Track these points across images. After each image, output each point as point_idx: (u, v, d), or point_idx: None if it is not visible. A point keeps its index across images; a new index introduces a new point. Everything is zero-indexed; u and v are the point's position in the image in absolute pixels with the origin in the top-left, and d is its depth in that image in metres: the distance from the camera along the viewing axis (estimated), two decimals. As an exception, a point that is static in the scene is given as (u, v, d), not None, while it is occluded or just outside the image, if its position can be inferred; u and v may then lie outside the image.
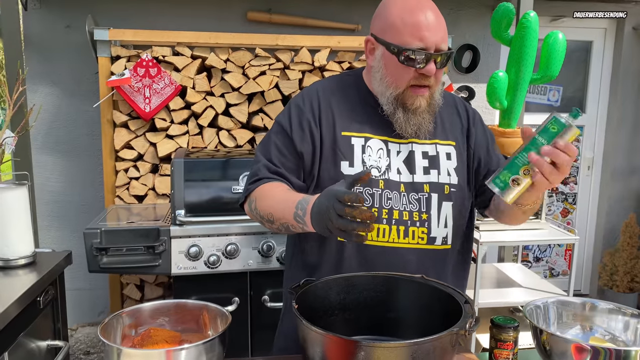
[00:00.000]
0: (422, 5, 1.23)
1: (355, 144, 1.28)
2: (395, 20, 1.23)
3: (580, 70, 4.03)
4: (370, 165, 1.27)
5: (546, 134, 1.06)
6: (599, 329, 1.25)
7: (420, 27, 1.20)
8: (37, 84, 3.11)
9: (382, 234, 1.26)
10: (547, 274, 4.18)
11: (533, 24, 2.72)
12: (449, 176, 1.32)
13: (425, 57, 1.20)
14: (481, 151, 1.38)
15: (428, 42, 1.20)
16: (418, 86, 1.25)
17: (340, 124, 1.30)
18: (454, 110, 1.41)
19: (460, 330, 0.91)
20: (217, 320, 1.12)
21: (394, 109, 1.27)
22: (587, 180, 4.14)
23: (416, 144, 1.31)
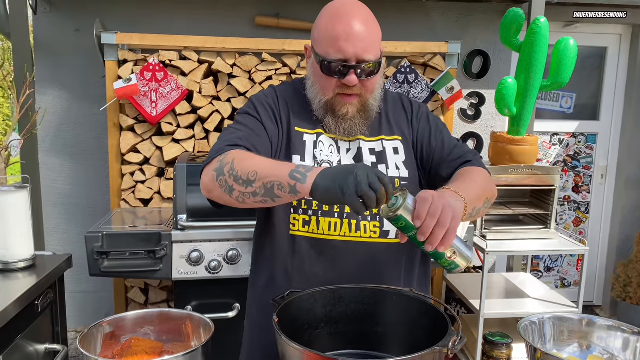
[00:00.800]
0: (347, 15, 1.22)
1: (307, 140, 1.31)
2: (320, 30, 1.24)
3: (595, 76, 3.96)
4: (322, 160, 1.30)
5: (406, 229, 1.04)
6: (597, 347, 1.21)
7: (339, 38, 1.20)
8: (46, 87, 3.14)
9: (334, 228, 1.27)
10: (559, 285, 4.10)
11: (543, 29, 2.68)
12: (398, 170, 1.33)
13: (344, 68, 1.21)
14: (424, 141, 1.38)
15: (347, 54, 1.20)
16: (346, 94, 1.26)
17: (294, 121, 1.33)
18: (400, 105, 1.43)
19: (444, 349, 0.88)
20: (201, 330, 1.10)
21: (324, 114, 1.30)
22: (600, 189, 4.05)
23: (363, 142, 1.34)
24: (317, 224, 1.27)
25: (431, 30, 3.42)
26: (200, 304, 2.39)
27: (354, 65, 1.22)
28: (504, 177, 2.83)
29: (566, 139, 3.96)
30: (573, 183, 4.02)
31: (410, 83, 3.05)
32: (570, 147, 3.97)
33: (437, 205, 1.01)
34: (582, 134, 3.97)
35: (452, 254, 1.05)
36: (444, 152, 1.37)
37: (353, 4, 1.26)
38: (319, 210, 1.27)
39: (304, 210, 1.28)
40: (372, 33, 1.24)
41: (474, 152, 1.42)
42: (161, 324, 1.14)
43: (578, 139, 3.97)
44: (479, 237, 2.81)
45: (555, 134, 3.94)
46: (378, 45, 1.26)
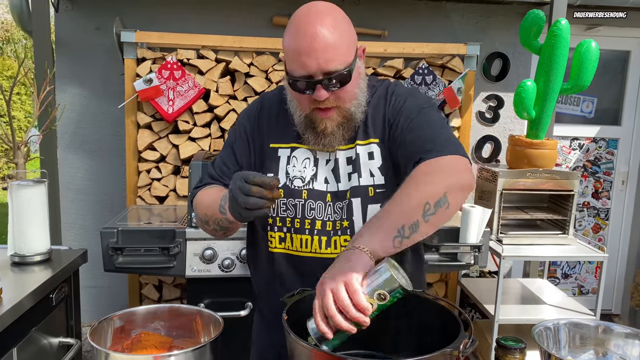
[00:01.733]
0: (308, 26, 1.13)
1: (281, 156, 1.29)
2: (284, 46, 1.18)
3: (617, 80, 3.89)
4: (294, 176, 1.27)
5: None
6: (614, 355, 1.18)
7: (300, 53, 1.13)
8: (65, 84, 3.18)
9: (305, 245, 1.25)
10: (576, 292, 4.03)
11: (564, 32, 2.64)
12: (373, 177, 1.25)
13: (310, 84, 1.15)
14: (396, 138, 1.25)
15: (310, 69, 1.13)
16: (321, 109, 1.20)
17: (271, 136, 1.31)
18: (380, 102, 1.30)
19: (454, 351, 0.86)
20: (211, 326, 1.10)
21: (304, 129, 1.25)
22: (621, 195, 3.98)
23: (340, 151, 1.27)
24: (291, 241, 1.27)
25: (450, 32, 3.39)
26: (212, 302, 2.39)
27: (320, 79, 1.14)
28: (522, 181, 2.79)
29: (586, 143, 3.89)
30: (593, 189, 3.95)
31: (427, 84, 3.03)
32: (590, 152, 3.90)
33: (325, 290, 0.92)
34: (603, 138, 3.90)
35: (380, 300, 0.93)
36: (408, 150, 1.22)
37: (317, 12, 1.16)
38: (292, 227, 1.26)
39: (278, 228, 1.27)
40: (338, 40, 1.14)
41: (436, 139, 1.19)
42: (171, 320, 1.14)
43: (599, 144, 3.90)
44: (495, 241, 2.77)
45: (575, 138, 3.88)
46: (347, 51, 1.16)
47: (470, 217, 2.51)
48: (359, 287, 0.92)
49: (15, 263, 1.89)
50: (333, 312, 0.91)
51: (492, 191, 2.84)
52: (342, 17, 1.19)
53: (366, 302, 0.91)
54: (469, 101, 3.12)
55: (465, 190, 1.12)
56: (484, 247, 2.55)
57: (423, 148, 1.17)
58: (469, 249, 2.53)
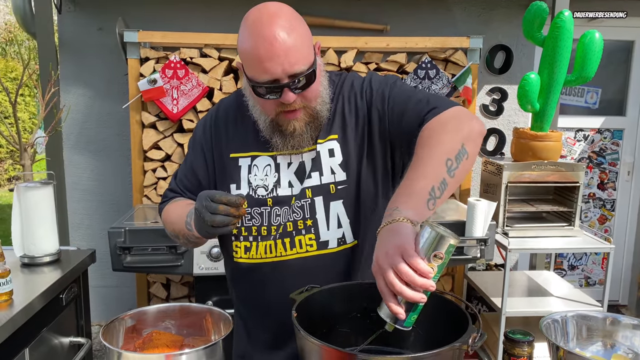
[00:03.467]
0: (265, 29, 1.08)
1: (242, 165, 1.26)
2: (242, 53, 1.13)
3: (621, 71, 3.87)
4: (257, 185, 1.25)
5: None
6: (622, 346, 1.18)
7: (262, 59, 1.08)
8: (70, 85, 3.19)
9: (270, 250, 1.23)
10: (583, 283, 4.03)
11: (567, 23, 2.63)
12: (334, 174, 1.23)
13: (276, 89, 1.11)
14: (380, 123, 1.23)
15: (275, 74, 1.09)
16: (288, 111, 1.17)
17: (230, 146, 1.29)
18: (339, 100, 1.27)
19: (463, 345, 0.86)
20: (221, 324, 1.11)
21: (271, 133, 1.21)
22: (626, 186, 3.96)
23: (305, 153, 1.25)
24: (256, 249, 1.24)
25: (452, 25, 3.38)
26: (220, 299, 2.41)
27: (286, 83, 1.10)
28: (526, 173, 2.79)
29: (591, 135, 3.88)
30: (598, 180, 3.94)
31: (431, 79, 3.03)
32: (595, 143, 3.89)
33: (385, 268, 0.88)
34: (608, 129, 3.89)
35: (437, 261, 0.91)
36: (399, 126, 1.20)
37: (270, 14, 1.10)
38: (259, 236, 1.24)
39: (244, 237, 1.25)
40: (298, 40, 1.10)
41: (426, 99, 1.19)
42: (182, 318, 1.15)
43: (604, 135, 3.89)
44: (501, 234, 2.77)
45: (579, 129, 3.87)
46: (307, 50, 1.12)
47: (476, 210, 2.51)
48: (416, 255, 0.88)
49: (25, 264, 1.92)
50: (400, 288, 0.87)
51: (497, 184, 2.84)
52: (295, 15, 1.14)
53: (427, 266, 0.89)
54: (472, 94, 3.11)
55: (479, 136, 1.11)
56: (490, 240, 2.56)
57: (419, 112, 1.16)
58: (475, 242, 2.54)
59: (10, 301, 1.59)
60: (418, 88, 1.30)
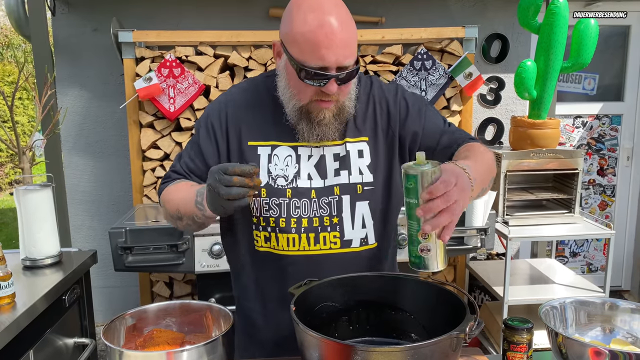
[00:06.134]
0: (324, 18, 1.10)
1: (261, 154, 1.25)
2: (295, 34, 1.12)
3: (618, 56, 3.86)
4: (277, 175, 1.24)
5: (410, 193, 0.97)
6: (621, 331, 1.19)
7: (320, 46, 1.10)
8: (66, 87, 3.19)
9: (293, 243, 1.23)
10: (585, 270, 4.04)
11: (562, 10, 2.62)
12: (362, 175, 1.26)
13: (324, 77, 1.12)
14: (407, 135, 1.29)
15: (328, 62, 1.11)
16: (322, 100, 1.18)
17: (248, 134, 1.27)
18: (370, 102, 1.31)
19: (461, 334, 0.87)
20: (221, 320, 1.12)
21: (298, 120, 1.22)
22: (626, 172, 3.96)
23: (327, 147, 1.26)
24: (277, 241, 1.24)
25: (448, 15, 3.37)
26: (223, 297, 2.42)
27: (334, 74, 1.12)
28: (525, 161, 2.79)
29: (589, 121, 3.88)
30: (598, 166, 3.94)
31: (427, 70, 3.02)
32: (594, 130, 3.89)
33: (455, 192, 0.94)
34: (606, 115, 3.88)
35: (428, 251, 0.97)
36: (433, 141, 1.29)
37: (331, 3, 1.13)
38: (277, 227, 1.23)
39: (263, 227, 1.25)
40: (352, 35, 1.13)
41: (465, 132, 1.32)
42: (182, 316, 1.16)
43: (602, 121, 3.89)
44: (501, 223, 2.78)
45: (578, 116, 3.86)
46: (355, 47, 1.15)
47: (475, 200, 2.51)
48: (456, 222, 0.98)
49: (27, 267, 1.92)
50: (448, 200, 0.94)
51: (496, 173, 2.84)
52: (348, 10, 1.18)
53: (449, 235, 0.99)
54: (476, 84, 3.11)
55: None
56: (490, 229, 2.56)
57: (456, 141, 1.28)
58: (475, 232, 2.54)
59: (13, 304, 1.60)
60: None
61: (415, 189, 0.95)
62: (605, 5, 3.60)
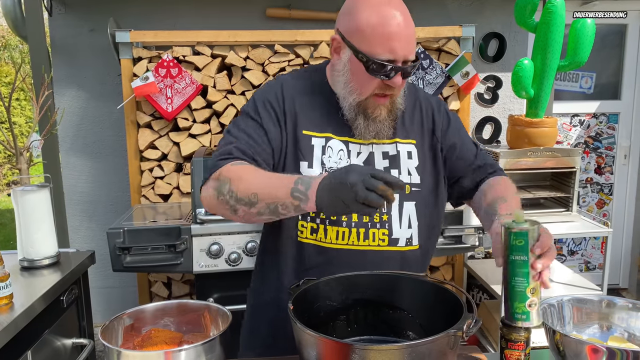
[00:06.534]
0: (394, 12, 1.14)
1: (315, 144, 1.24)
2: (364, 27, 1.14)
3: (615, 55, 3.87)
4: (330, 167, 1.23)
5: (520, 250, 1.01)
6: (618, 328, 1.19)
7: (391, 38, 1.13)
8: (63, 88, 3.19)
9: (342, 237, 1.23)
10: (583, 268, 4.05)
11: (559, 9, 2.63)
12: (410, 175, 1.28)
13: (393, 69, 1.15)
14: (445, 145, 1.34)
15: (397, 54, 1.14)
16: (381, 95, 1.21)
17: (303, 122, 1.25)
18: (416, 105, 1.35)
19: (458, 332, 0.87)
20: (219, 320, 1.12)
21: (355, 115, 1.23)
22: (623, 170, 3.97)
23: (376, 145, 1.27)
24: (324, 233, 1.23)
25: (445, 15, 3.38)
26: (221, 296, 2.42)
27: (401, 67, 1.15)
28: (523, 160, 2.79)
29: (587, 119, 3.88)
30: (595, 164, 3.95)
31: (424, 69, 3.03)
32: (591, 128, 3.90)
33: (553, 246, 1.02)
34: (604, 114, 3.89)
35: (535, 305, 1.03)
36: (467, 159, 1.35)
37: None
38: (327, 219, 1.22)
39: (311, 218, 1.23)
40: (414, 30, 1.17)
41: (489, 157, 1.40)
42: (180, 315, 1.16)
43: (599, 120, 3.89)
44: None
45: (575, 115, 3.87)
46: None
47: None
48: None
49: (25, 268, 1.92)
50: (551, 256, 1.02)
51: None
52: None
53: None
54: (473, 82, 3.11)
55: None
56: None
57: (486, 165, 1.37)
58: (473, 230, 2.55)
59: (11, 304, 1.60)
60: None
61: (525, 246, 1.00)
62: (603, 5, 3.61)
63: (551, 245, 1.02)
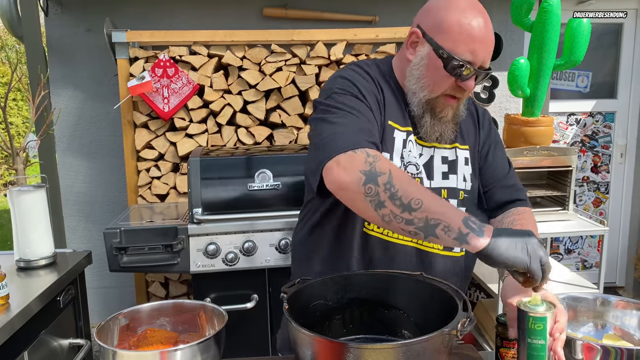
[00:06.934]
0: (481, 16, 1.16)
1: (397, 137, 1.22)
2: (452, 24, 1.15)
3: (611, 54, 3.88)
4: (408, 162, 1.22)
5: (538, 334, 1.01)
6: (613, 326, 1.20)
7: (475, 40, 1.14)
8: (60, 88, 3.18)
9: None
10: (580, 267, 4.06)
11: (555, 8, 2.63)
12: (465, 182, 1.29)
13: (469, 71, 1.15)
14: (483, 154, 1.35)
15: (477, 57, 1.15)
16: (451, 96, 1.20)
17: (389, 112, 1.22)
18: (471, 112, 1.37)
19: (452, 331, 0.88)
20: (214, 319, 1.12)
21: (423, 113, 1.22)
22: (620, 169, 3.98)
23: (437, 149, 1.27)
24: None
25: (441, 14, 3.38)
26: (218, 296, 2.42)
27: (477, 71, 1.16)
28: (519, 159, 2.79)
29: (583, 118, 3.89)
30: (592, 163, 3.96)
31: (421, 68, 3.02)
32: (587, 127, 3.91)
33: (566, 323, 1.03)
34: (600, 112, 3.90)
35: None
36: (500, 175, 1.35)
37: (479, 4, 1.18)
38: None
39: None
40: (494, 40, 1.19)
41: (519, 183, 1.39)
42: (176, 315, 1.16)
43: (595, 118, 3.90)
44: (496, 220, 2.78)
45: (571, 114, 3.88)
46: None
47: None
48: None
49: (21, 268, 1.92)
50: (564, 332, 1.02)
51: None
52: None
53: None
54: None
55: None
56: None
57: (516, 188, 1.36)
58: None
59: (7, 305, 1.60)
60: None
61: (544, 330, 1.00)
62: (598, 4, 3.62)
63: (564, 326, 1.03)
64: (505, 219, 1.31)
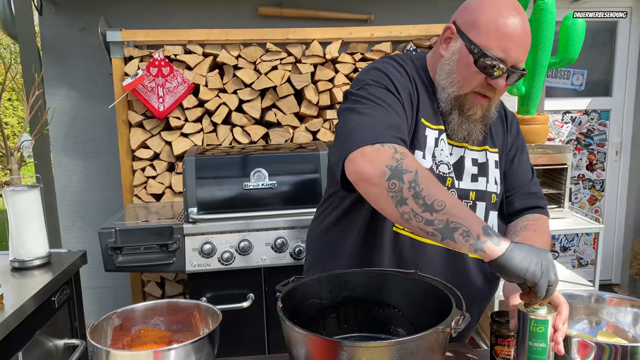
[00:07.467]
0: (518, 15, 1.13)
1: (429, 135, 1.20)
2: (488, 21, 1.13)
3: (606, 52, 3.89)
4: (440, 161, 1.20)
5: (540, 337, 1.01)
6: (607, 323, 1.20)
7: (508, 38, 1.12)
8: (54, 87, 3.17)
9: None
10: (575, 264, 4.07)
11: (549, 6, 2.63)
12: (496, 185, 1.28)
13: (501, 69, 1.13)
14: (509, 158, 1.34)
15: (509, 56, 1.13)
16: (481, 94, 1.18)
17: (422, 109, 1.20)
18: (501, 115, 1.35)
19: (447, 329, 0.88)
20: (209, 319, 1.11)
21: (451, 109, 1.21)
22: (615, 166, 3.99)
23: (468, 150, 1.25)
24: None
25: (436, 12, 3.37)
26: (214, 296, 2.41)
27: (509, 70, 1.14)
28: (514, 157, 2.80)
29: (578, 116, 3.90)
30: (587, 161, 3.97)
31: (416, 67, 3.02)
32: (582, 125, 3.92)
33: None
34: (595, 110, 3.91)
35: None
36: (524, 181, 1.33)
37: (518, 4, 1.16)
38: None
39: None
40: (529, 42, 1.16)
41: (540, 191, 1.38)
42: (170, 315, 1.16)
43: (591, 116, 3.91)
44: (491, 218, 2.79)
45: (567, 112, 3.89)
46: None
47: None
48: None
49: (16, 268, 1.91)
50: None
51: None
52: None
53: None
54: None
55: None
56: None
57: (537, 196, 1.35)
58: (465, 228, 2.55)
59: (1, 305, 1.59)
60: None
61: (545, 333, 1.00)
62: (593, 2, 3.62)
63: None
64: (519, 223, 1.31)
